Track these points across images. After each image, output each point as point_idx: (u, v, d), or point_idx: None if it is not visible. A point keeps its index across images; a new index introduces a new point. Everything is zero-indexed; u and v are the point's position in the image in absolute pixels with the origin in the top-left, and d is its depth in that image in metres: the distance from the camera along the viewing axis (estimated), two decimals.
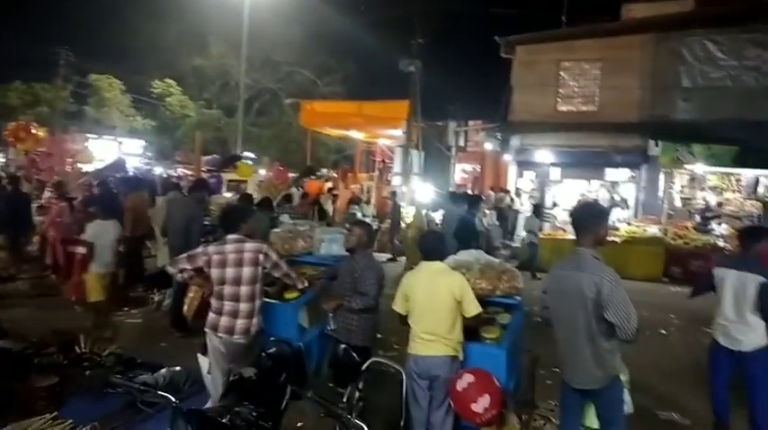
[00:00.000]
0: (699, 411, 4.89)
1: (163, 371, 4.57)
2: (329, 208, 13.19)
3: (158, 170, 21.10)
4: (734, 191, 14.13)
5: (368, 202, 13.22)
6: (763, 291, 4.05)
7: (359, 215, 12.04)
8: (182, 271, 4.03)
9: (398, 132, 16.77)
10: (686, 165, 13.84)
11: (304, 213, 10.28)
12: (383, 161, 18.96)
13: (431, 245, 3.97)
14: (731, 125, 13.15)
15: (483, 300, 4.23)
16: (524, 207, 15.32)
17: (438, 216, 11.86)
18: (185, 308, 4.74)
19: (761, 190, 13.74)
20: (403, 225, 13.05)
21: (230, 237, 4.00)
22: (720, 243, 11.54)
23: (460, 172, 20.73)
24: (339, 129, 17.85)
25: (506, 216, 14.53)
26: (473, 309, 3.70)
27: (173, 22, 25.64)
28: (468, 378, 3.58)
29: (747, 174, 13.89)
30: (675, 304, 8.32)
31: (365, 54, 27.38)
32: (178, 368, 4.62)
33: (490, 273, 4.45)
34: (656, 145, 14.28)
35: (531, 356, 4.63)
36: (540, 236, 11.57)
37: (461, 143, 20.35)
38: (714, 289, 4.41)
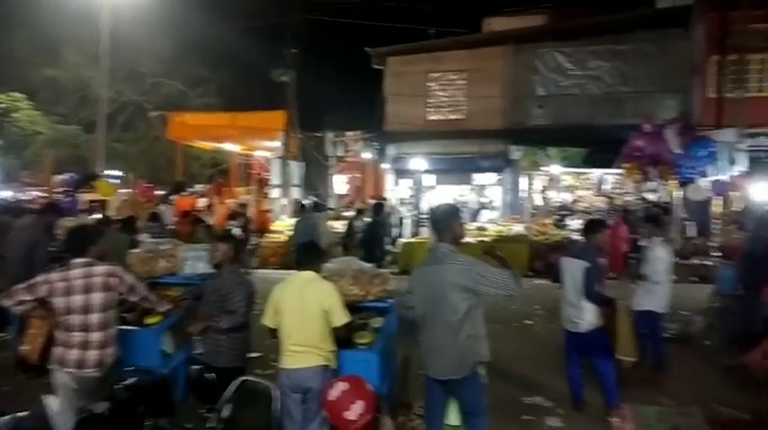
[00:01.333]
0: (561, 393, 5.29)
1: (6, 418, 4.05)
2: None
3: (6, 193, 18.88)
4: (586, 189, 15.69)
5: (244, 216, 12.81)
6: (585, 274, 4.59)
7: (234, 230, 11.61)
8: (20, 302, 3.60)
9: (276, 144, 16.51)
10: (544, 168, 15.13)
11: (188, 233, 9.66)
12: (260, 174, 18.54)
13: (302, 254, 3.95)
14: (580, 129, 14.61)
15: (356, 305, 4.28)
16: (407, 213, 15.75)
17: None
18: (26, 346, 4.23)
19: (606, 187, 15.38)
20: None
21: (77, 261, 3.65)
22: (575, 236, 12.68)
23: (341, 182, 20.86)
24: (212, 141, 17.18)
25: (386, 223, 14.78)
26: (339, 319, 3.70)
27: (18, 29, 23.13)
28: (340, 386, 3.56)
29: (595, 173, 15.47)
30: (539, 295, 8.96)
31: (240, 64, 26.65)
32: (25, 413, 4.11)
33: (362, 279, 4.50)
34: (517, 149, 15.44)
35: (403, 357, 4.73)
36: (415, 239, 11.97)
37: (340, 153, 20.52)
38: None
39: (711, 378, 5.82)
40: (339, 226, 12.84)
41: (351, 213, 15.04)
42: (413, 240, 13.07)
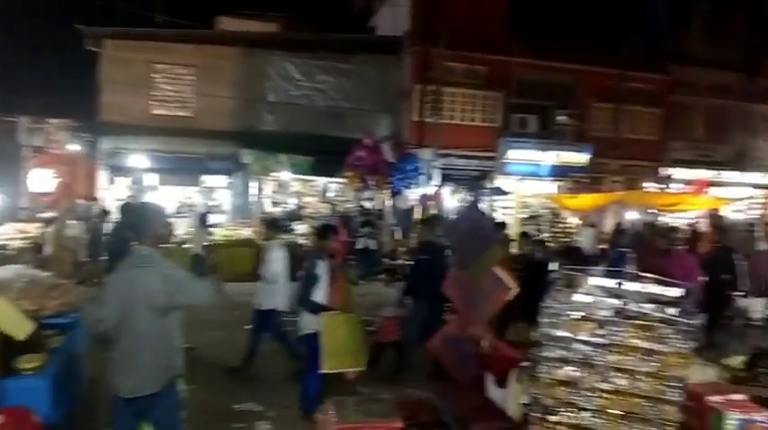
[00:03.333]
0: (273, 397, 5.30)
1: None
2: None
3: None
4: (311, 195, 16.45)
5: None
6: (301, 281, 4.89)
7: None
8: None
9: None
10: (274, 173, 15.36)
11: None
12: None
13: None
14: (308, 138, 15.25)
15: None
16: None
17: None
18: None
19: (330, 194, 16.40)
20: None
21: None
22: (302, 241, 13.17)
23: (41, 177, 17.69)
24: None
25: (97, 227, 13.05)
26: None
27: None
28: None
29: (321, 180, 16.35)
30: None
31: None
32: None
33: (35, 291, 3.78)
34: (248, 153, 15.33)
35: (91, 378, 4.13)
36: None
37: (39, 143, 17.41)
38: None
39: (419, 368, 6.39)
40: (32, 229, 10.83)
41: (51, 214, 12.90)
42: None
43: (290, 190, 16.37)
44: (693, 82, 19.05)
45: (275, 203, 16.20)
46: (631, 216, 14.95)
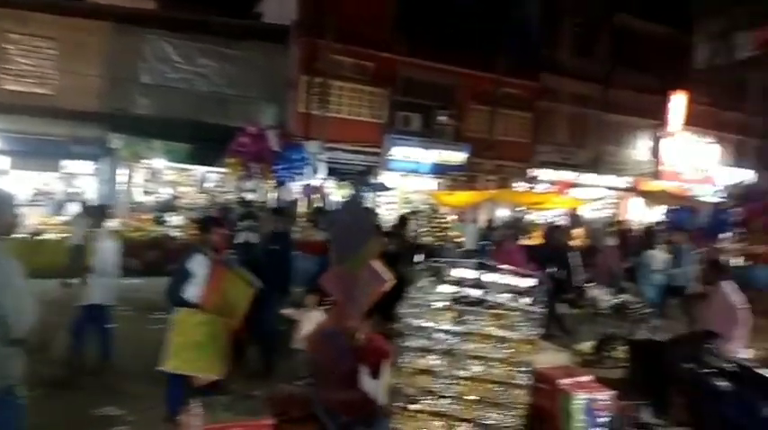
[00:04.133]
0: (136, 397, 4.97)
1: None
2: None
3: None
4: (189, 185, 15.62)
5: None
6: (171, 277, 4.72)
7: None
8: None
9: None
10: (146, 160, 14.36)
11: None
12: None
13: None
14: (186, 125, 14.43)
15: None
16: None
17: None
18: None
19: (209, 184, 15.70)
20: None
21: None
22: (175, 233, 12.47)
23: None
24: None
25: None
26: None
27: None
28: None
29: (199, 170, 15.58)
30: (130, 296, 8.37)
31: None
32: None
33: None
34: (117, 138, 14.19)
35: None
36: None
37: None
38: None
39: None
40: None
41: None
42: None
43: (165, 179, 15.42)
44: (559, 90, 20.82)
45: (147, 193, 15.17)
46: (503, 213, 16.03)
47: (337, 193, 15.29)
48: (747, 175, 24.87)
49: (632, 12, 21.20)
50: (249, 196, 14.22)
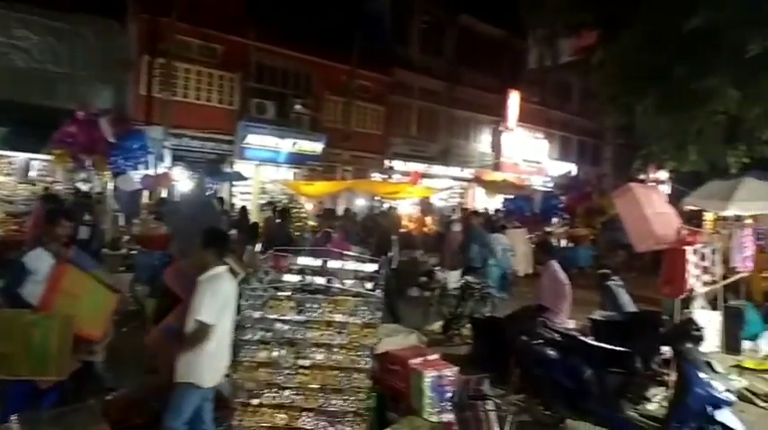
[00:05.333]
0: None
1: None
2: None
3: None
4: (6, 174, 13.59)
5: None
6: None
7: None
8: None
9: None
10: None
11: None
12: None
13: None
14: (1, 105, 12.50)
15: None
16: None
17: None
18: None
19: (33, 173, 13.81)
20: None
21: None
22: None
23: None
24: None
25: None
26: None
27: None
28: None
29: (20, 157, 13.63)
30: None
31: None
32: None
33: None
34: None
35: None
36: None
37: None
38: None
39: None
40: None
41: None
42: None
43: None
44: (410, 85, 21.69)
45: None
46: (360, 202, 16.32)
47: (185, 183, 14.35)
48: (571, 168, 28.14)
49: (475, 14, 22.70)
50: (83, 187, 12.77)
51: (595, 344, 5.31)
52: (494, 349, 5.94)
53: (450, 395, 3.97)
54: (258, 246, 7.90)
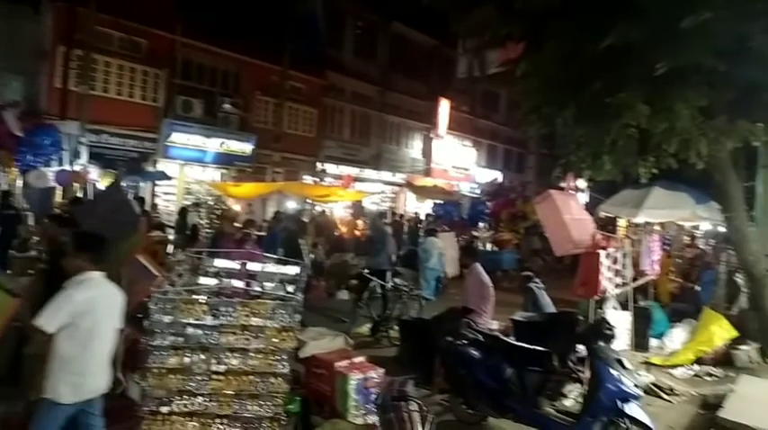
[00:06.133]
0: None
1: None
2: None
3: None
4: None
5: None
6: None
7: None
8: None
9: None
10: None
11: None
12: None
13: None
14: None
15: None
16: None
17: None
18: None
19: None
20: None
21: None
22: None
23: None
24: None
25: None
26: None
27: None
28: None
29: None
30: None
31: None
32: None
33: None
34: None
35: None
36: None
37: None
38: None
39: None
40: None
41: None
42: None
43: None
44: (343, 88, 21.69)
45: None
46: (291, 204, 16.10)
47: (104, 181, 13.60)
48: (497, 175, 29.13)
49: (407, 21, 23.01)
50: None
51: (516, 343, 5.50)
52: (420, 350, 6.02)
53: (374, 397, 3.97)
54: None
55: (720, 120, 6.31)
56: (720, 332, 7.54)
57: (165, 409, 3.21)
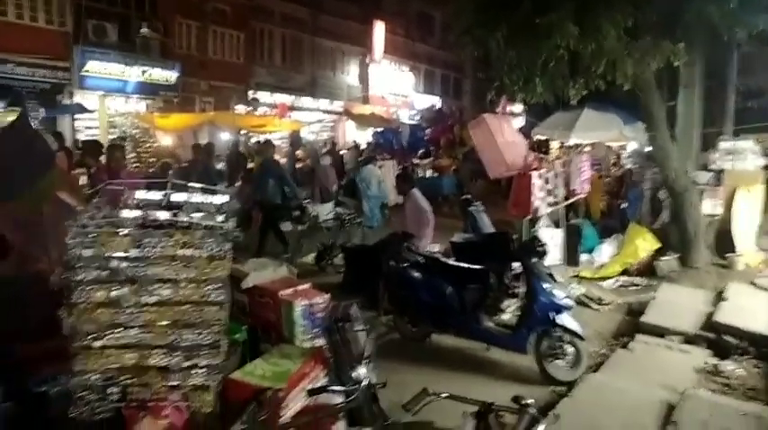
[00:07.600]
0: None
1: None
2: None
3: None
4: None
5: None
6: None
7: None
8: None
9: None
10: None
11: None
12: None
13: None
14: None
15: None
16: None
17: None
18: None
19: None
20: None
21: None
22: None
23: None
24: None
25: None
26: None
27: None
28: None
29: None
30: None
31: None
32: None
33: None
34: None
35: None
36: None
37: None
38: None
39: None
40: None
41: None
42: None
43: None
44: (272, 10, 20.46)
45: None
46: (225, 136, 15.49)
47: (10, 116, 12.49)
48: (435, 101, 28.99)
49: None
50: None
51: (454, 263, 5.68)
52: (364, 275, 6.13)
53: (320, 321, 4.03)
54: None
55: (645, 41, 6.46)
56: (644, 245, 8.05)
57: (97, 343, 3.14)
